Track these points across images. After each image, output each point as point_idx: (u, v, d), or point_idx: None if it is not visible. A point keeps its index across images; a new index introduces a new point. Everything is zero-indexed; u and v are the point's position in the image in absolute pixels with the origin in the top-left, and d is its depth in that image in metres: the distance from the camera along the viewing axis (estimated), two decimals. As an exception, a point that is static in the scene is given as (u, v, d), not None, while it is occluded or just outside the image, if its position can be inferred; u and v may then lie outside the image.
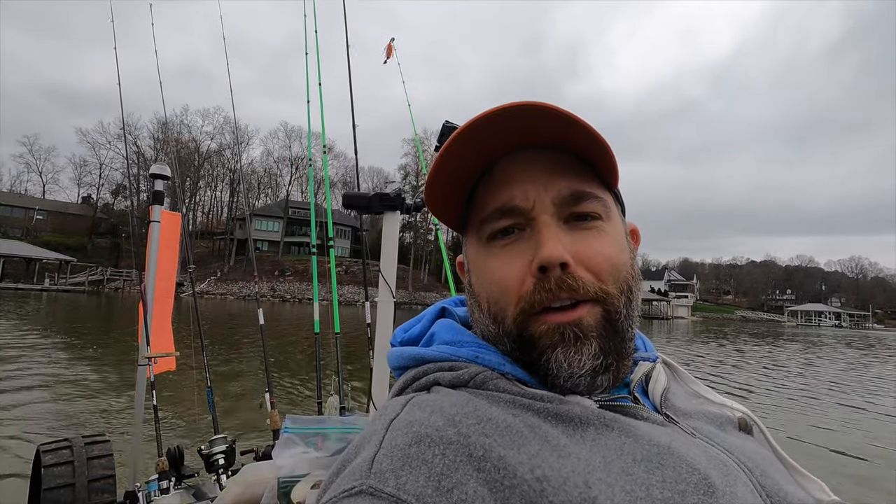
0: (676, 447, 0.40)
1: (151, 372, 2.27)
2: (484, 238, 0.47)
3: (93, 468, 1.77)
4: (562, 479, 0.35)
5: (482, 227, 0.47)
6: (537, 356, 0.43)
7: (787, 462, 0.49)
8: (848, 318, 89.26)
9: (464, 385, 0.45)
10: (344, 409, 1.96)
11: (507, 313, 0.44)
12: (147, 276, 2.50)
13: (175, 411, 5.67)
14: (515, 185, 0.46)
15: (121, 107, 3.46)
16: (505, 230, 0.46)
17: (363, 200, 1.57)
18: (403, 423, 0.39)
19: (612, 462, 0.37)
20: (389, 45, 3.53)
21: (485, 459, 0.36)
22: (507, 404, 0.42)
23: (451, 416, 0.39)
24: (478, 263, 0.48)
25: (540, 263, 0.42)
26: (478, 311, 0.48)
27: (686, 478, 0.37)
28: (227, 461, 1.91)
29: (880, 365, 16.61)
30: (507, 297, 0.44)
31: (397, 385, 0.50)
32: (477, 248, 0.49)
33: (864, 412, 8.37)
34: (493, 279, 0.46)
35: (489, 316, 0.46)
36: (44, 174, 60.91)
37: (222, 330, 16.29)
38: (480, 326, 0.49)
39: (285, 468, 1.23)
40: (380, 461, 0.36)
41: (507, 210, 0.46)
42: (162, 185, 2.60)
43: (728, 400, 0.53)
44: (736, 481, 0.40)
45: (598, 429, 0.40)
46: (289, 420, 1.38)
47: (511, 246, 0.46)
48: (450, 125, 1.40)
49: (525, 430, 0.39)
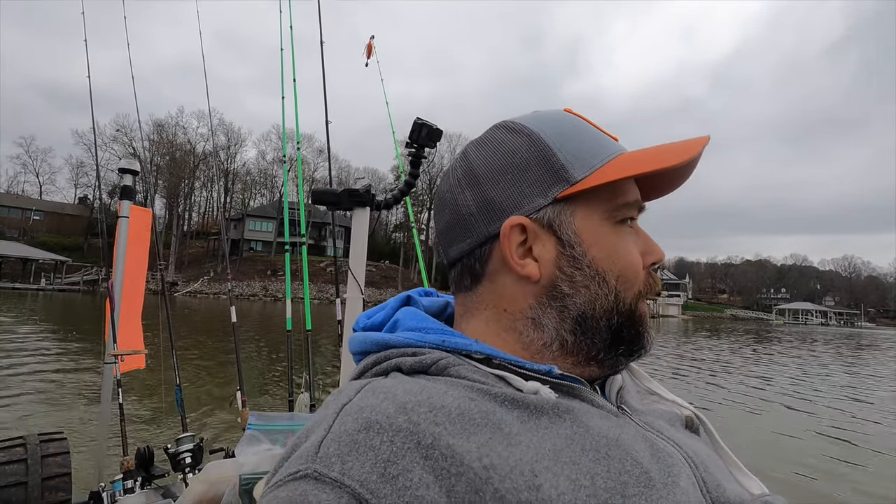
0: (624, 440, 0.41)
1: (118, 370, 2.23)
2: (617, 218, 0.49)
3: (47, 466, 1.72)
4: (509, 467, 0.36)
5: (620, 208, 0.49)
6: (643, 332, 0.50)
7: (729, 459, 0.51)
8: (835, 316, 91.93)
9: (424, 371, 0.45)
10: (314, 407, 1.95)
11: (631, 291, 0.49)
12: (115, 273, 2.45)
13: (144, 410, 5.57)
14: (636, 186, 0.52)
15: (90, 100, 3.37)
16: (626, 219, 0.50)
17: (332, 196, 1.56)
18: (355, 409, 0.39)
19: (560, 451, 0.38)
20: (370, 43, 3.50)
21: (433, 447, 0.36)
22: (465, 389, 0.42)
23: (403, 404, 0.39)
24: (609, 240, 0.49)
25: (657, 260, 0.52)
26: (597, 285, 0.48)
27: (630, 469, 0.39)
28: (194, 460, 1.88)
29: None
30: (636, 276, 0.49)
31: (357, 369, 0.49)
32: (604, 224, 0.49)
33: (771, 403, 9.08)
34: (628, 259, 0.49)
35: (613, 291, 0.48)
36: (41, 175, 62.07)
37: (211, 328, 16.16)
38: (594, 300, 0.47)
39: (248, 465, 1.22)
40: (327, 446, 0.36)
41: (640, 205, 0.52)
42: (131, 179, 2.54)
43: (679, 398, 0.56)
44: (679, 473, 0.41)
45: (551, 417, 0.41)
46: (253, 417, 1.37)
47: (633, 235, 0.51)
48: (420, 121, 1.40)
49: (478, 417, 0.39)
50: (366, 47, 3.51)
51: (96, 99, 3.40)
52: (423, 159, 1.51)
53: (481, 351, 0.46)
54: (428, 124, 1.38)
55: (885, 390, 11.34)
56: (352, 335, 0.54)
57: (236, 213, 55.33)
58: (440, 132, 1.41)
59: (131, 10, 3.49)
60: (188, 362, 8.92)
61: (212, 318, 20.80)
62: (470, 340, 0.47)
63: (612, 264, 0.48)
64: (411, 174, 1.55)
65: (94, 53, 3.70)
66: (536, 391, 0.43)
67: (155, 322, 2.99)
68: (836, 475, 5.31)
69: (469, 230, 0.50)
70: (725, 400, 9.20)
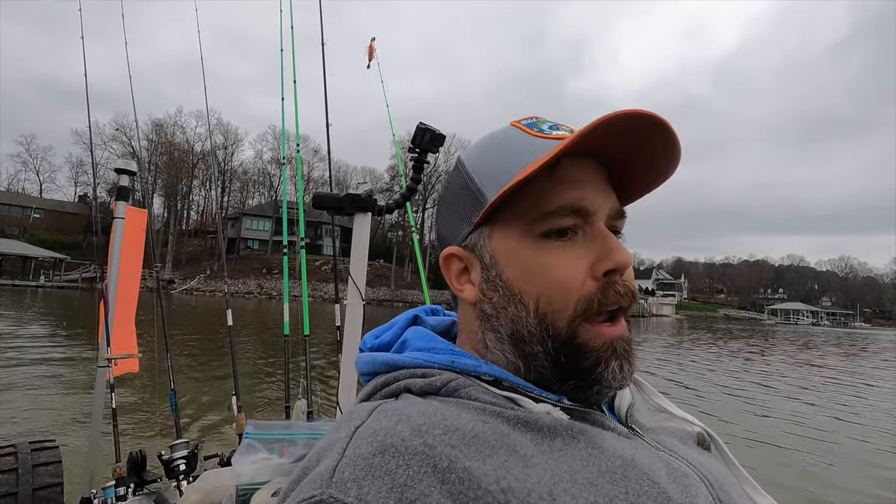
0: (639, 460, 0.41)
1: (111, 374, 2.19)
2: (536, 233, 0.45)
3: (38, 476, 1.69)
4: (527, 490, 0.35)
5: (539, 221, 0.45)
6: (590, 366, 0.44)
7: (742, 477, 0.50)
8: (825, 316, 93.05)
9: (435, 393, 0.44)
10: (311, 414, 1.93)
11: (564, 314, 0.44)
12: (109, 275, 2.41)
13: (138, 414, 5.51)
14: (586, 187, 0.46)
15: (86, 97, 3.34)
16: (562, 230, 0.45)
17: (333, 201, 1.54)
18: (369, 432, 0.38)
19: (577, 473, 0.38)
20: (371, 45, 3.48)
21: (449, 471, 0.35)
22: (478, 412, 0.41)
23: (418, 426, 0.38)
24: (525, 258, 0.45)
25: (613, 266, 0.44)
26: (515, 308, 0.46)
27: (648, 490, 0.38)
28: (188, 467, 1.85)
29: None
30: (567, 296, 0.44)
31: (365, 390, 0.49)
32: (523, 241, 0.46)
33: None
34: (550, 277, 0.44)
35: (536, 315, 0.44)
36: (41, 173, 62.99)
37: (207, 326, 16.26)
38: (514, 325, 0.46)
39: (245, 475, 1.20)
40: (342, 470, 0.35)
41: (575, 210, 0.45)
42: (127, 180, 2.51)
43: (689, 415, 0.54)
44: (696, 493, 0.41)
45: (565, 439, 0.40)
46: (251, 426, 1.34)
47: (569, 247, 0.45)
48: (423, 126, 1.38)
49: (493, 439, 0.38)
50: (367, 49, 3.49)
51: (96, 97, 3.37)
52: (425, 164, 1.49)
53: (490, 373, 0.45)
54: (431, 129, 1.36)
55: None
56: (359, 355, 0.53)
57: (234, 212, 55.75)
58: (443, 137, 1.39)
59: (133, 7, 3.47)
60: (183, 363, 8.87)
61: (207, 316, 20.94)
62: (479, 362, 0.46)
63: (528, 283, 0.45)
64: (413, 179, 1.53)
65: (94, 50, 3.68)
66: (548, 412, 0.42)
67: (150, 319, 2.95)
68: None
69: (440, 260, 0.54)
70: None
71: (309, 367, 2.32)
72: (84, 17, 3.28)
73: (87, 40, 3.23)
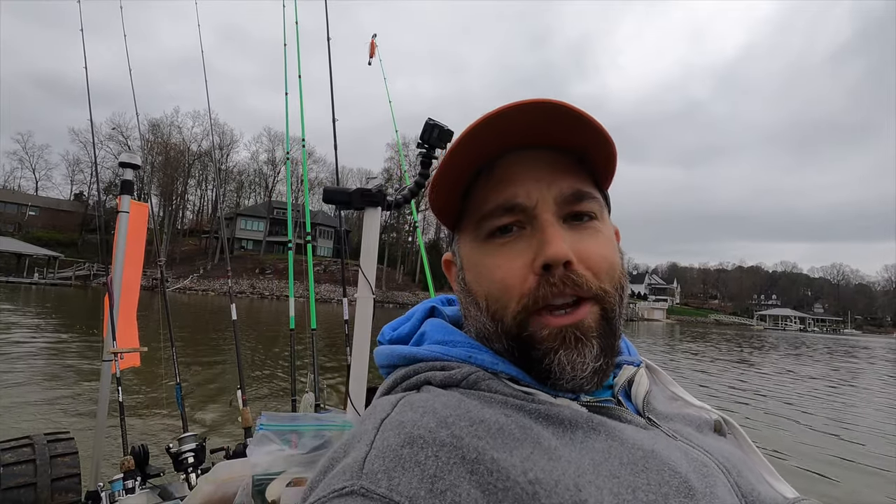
0: (659, 450, 0.41)
1: (117, 367, 2.19)
2: (482, 235, 0.47)
3: (56, 467, 1.69)
4: (553, 481, 0.35)
5: (481, 223, 0.47)
6: (539, 357, 0.43)
7: (760, 462, 0.51)
8: (813, 323, 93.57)
9: (456, 385, 0.45)
10: (319, 407, 1.94)
11: (508, 311, 0.44)
12: (114, 269, 2.40)
13: (143, 408, 5.49)
14: (518, 182, 0.46)
15: (87, 90, 3.31)
16: (504, 228, 0.46)
17: (344, 196, 1.54)
18: (395, 423, 0.39)
19: (600, 465, 0.38)
20: (372, 42, 3.47)
21: (478, 462, 0.36)
22: (500, 405, 0.42)
23: (444, 418, 0.39)
24: (475, 261, 0.48)
25: (545, 261, 0.42)
26: (474, 308, 0.48)
27: (669, 480, 0.38)
28: (196, 460, 1.86)
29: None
30: (507, 294, 0.44)
31: (386, 383, 0.49)
32: (473, 245, 0.48)
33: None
34: (493, 277, 0.45)
35: (487, 314, 0.46)
36: (37, 171, 63.34)
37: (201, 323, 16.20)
38: (477, 325, 0.48)
39: (260, 466, 1.20)
40: (371, 461, 0.36)
41: (509, 207, 0.45)
42: (132, 174, 2.50)
43: (706, 404, 0.55)
44: (716, 482, 0.41)
45: (586, 431, 0.41)
46: (264, 417, 1.35)
47: (511, 244, 0.46)
48: (432, 122, 1.39)
49: (517, 431, 0.39)
50: (368, 46, 3.48)
51: (95, 93, 3.34)
52: (433, 160, 1.50)
53: (507, 372, 0.46)
54: (439, 125, 1.37)
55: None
56: (378, 348, 0.54)
57: (229, 212, 56.08)
58: (451, 133, 1.40)
59: (136, 5, 3.45)
60: (184, 360, 8.82)
61: (203, 314, 20.93)
62: (497, 359, 0.47)
63: (479, 285, 0.47)
64: (421, 174, 1.54)
65: (95, 47, 3.64)
66: (568, 405, 0.43)
67: (147, 315, 2.94)
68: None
69: None
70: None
71: (316, 360, 2.32)
72: (85, 13, 3.25)
73: (87, 37, 3.20)
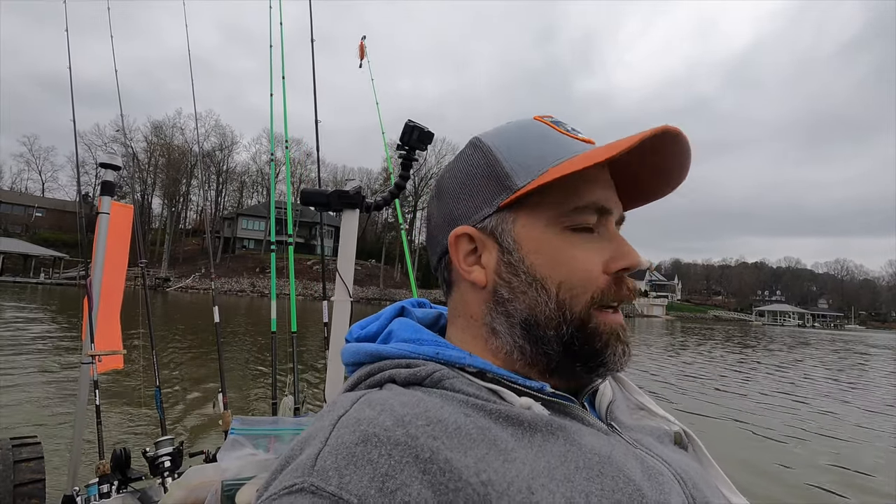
0: (616, 457, 0.42)
1: (95, 370, 2.16)
2: (565, 225, 0.47)
3: (20, 472, 1.66)
4: (506, 483, 0.36)
5: (569, 214, 0.47)
6: (601, 348, 0.46)
7: (717, 475, 0.52)
8: (812, 318, 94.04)
9: (419, 383, 0.45)
10: (298, 410, 1.92)
11: (581, 300, 0.46)
12: (94, 270, 2.38)
13: (121, 411, 5.43)
14: (605, 189, 0.49)
15: (70, 89, 3.28)
16: (587, 226, 0.48)
17: (322, 198, 1.54)
18: (351, 421, 0.39)
19: (555, 469, 0.38)
20: (361, 43, 3.45)
21: (431, 462, 0.36)
22: (460, 404, 0.42)
23: (401, 417, 0.39)
24: (553, 246, 0.47)
25: (628, 266, 0.47)
26: (535, 291, 0.47)
27: (622, 487, 0.39)
28: (173, 464, 1.84)
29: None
30: (586, 286, 0.46)
31: (350, 380, 0.49)
32: (549, 230, 0.48)
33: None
34: (576, 266, 0.46)
35: (555, 299, 0.46)
36: (43, 173, 64.01)
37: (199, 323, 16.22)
38: (533, 307, 0.47)
39: (230, 471, 1.19)
40: (324, 458, 0.36)
41: (601, 209, 0.48)
42: (112, 175, 2.47)
43: (669, 414, 0.56)
44: (670, 491, 0.41)
45: (544, 434, 0.41)
46: (236, 421, 1.34)
47: (593, 242, 0.48)
48: (412, 124, 1.39)
49: (475, 432, 0.39)
50: (358, 48, 3.47)
51: (99, 94, 3.30)
52: (413, 162, 1.50)
53: (474, 365, 0.46)
54: (419, 127, 1.37)
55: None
56: (345, 346, 0.53)
57: (230, 212, 56.15)
58: (431, 135, 1.40)
59: (139, 4, 3.41)
60: (170, 360, 8.76)
61: (199, 313, 21.03)
62: (464, 353, 0.47)
63: (553, 270, 0.47)
64: (401, 176, 1.54)
65: (98, 48, 3.59)
66: (529, 407, 0.43)
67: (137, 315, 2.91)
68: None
69: (437, 241, 0.54)
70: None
71: (296, 363, 2.31)
72: (86, 13, 3.21)
73: (90, 37, 3.16)
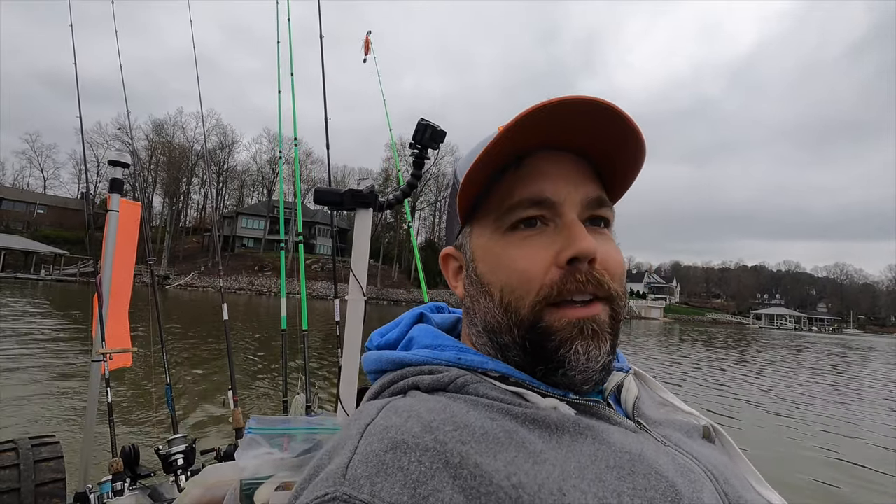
0: (647, 455, 0.41)
1: (106, 368, 2.16)
2: (504, 227, 0.47)
3: (40, 472, 1.67)
4: (537, 485, 0.35)
5: (504, 215, 0.47)
6: (554, 348, 0.43)
7: (748, 470, 0.51)
8: (809, 322, 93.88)
9: (443, 389, 0.45)
10: (310, 409, 1.93)
11: (525, 301, 0.44)
12: (103, 268, 2.38)
13: (132, 408, 5.45)
14: (547, 179, 0.46)
15: (76, 88, 3.27)
16: (529, 221, 0.46)
17: (335, 196, 1.53)
18: (379, 429, 0.39)
19: (585, 468, 0.38)
20: (367, 39, 3.44)
21: (461, 466, 0.36)
22: (486, 409, 0.42)
23: (429, 423, 0.39)
24: (494, 252, 0.47)
25: (575, 254, 0.43)
26: (485, 300, 0.47)
27: (655, 485, 0.38)
28: (186, 462, 1.84)
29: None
30: (527, 285, 0.44)
31: (373, 388, 0.49)
32: (493, 236, 0.48)
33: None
34: (514, 267, 0.45)
35: (500, 305, 0.46)
36: (45, 170, 64.85)
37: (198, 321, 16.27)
38: (486, 317, 0.48)
39: (248, 469, 1.19)
40: (354, 467, 0.36)
41: (537, 201, 0.46)
42: (121, 172, 2.47)
43: (694, 410, 0.55)
44: (702, 488, 0.41)
45: (573, 435, 0.41)
46: (253, 420, 1.33)
47: (535, 237, 0.46)
48: (425, 122, 1.38)
49: (502, 435, 0.39)
50: (363, 43, 3.45)
51: (102, 92, 3.30)
52: (426, 160, 1.49)
53: (496, 369, 0.46)
54: (432, 125, 1.36)
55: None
56: (366, 354, 0.54)
57: (230, 210, 56.49)
58: (444, 133, 1.39)
59: (138, 5, 3.41)
60: (177, 357, 8.78)
61: (200, 311, 21.35)
62: (486, 358, 0.47)
63: (496, 276, 0.47)
64: (414, 175, 1.53)
65: (99, 45, 3.59)
66: (555, 407, 0.43)
67: (142, 314, 2.92)
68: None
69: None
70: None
71: (307, 361, 2.31)
72: (88, 13, 3.20)
73: (92, 34, 3.15)
